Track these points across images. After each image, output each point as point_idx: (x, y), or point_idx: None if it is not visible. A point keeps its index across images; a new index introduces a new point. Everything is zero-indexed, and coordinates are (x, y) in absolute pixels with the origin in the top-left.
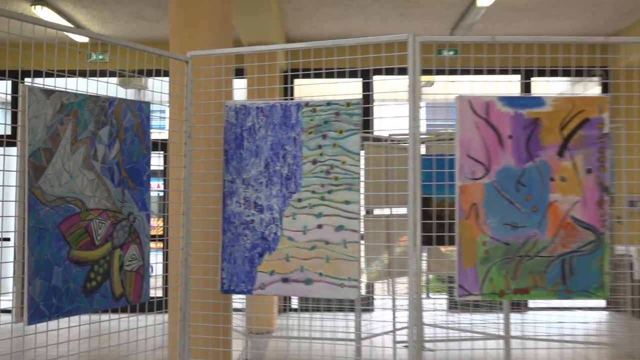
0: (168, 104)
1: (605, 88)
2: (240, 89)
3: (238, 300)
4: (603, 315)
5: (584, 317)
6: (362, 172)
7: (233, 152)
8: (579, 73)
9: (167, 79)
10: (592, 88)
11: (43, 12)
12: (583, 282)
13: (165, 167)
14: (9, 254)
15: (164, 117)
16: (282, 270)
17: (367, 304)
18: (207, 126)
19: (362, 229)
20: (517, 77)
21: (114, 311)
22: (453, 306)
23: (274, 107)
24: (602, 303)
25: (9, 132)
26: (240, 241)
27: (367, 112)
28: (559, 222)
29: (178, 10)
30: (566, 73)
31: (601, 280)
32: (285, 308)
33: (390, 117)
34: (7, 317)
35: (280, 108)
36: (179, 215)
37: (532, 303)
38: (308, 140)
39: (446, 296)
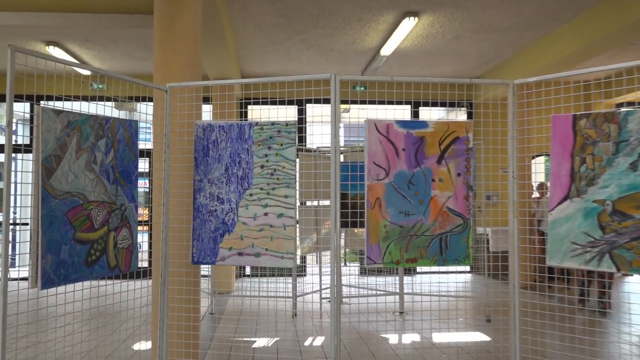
0: (152, 122)
1: (470, 115)
2: (207, 111)
3: (205, 269)
4: (468, 276)
5: (455, 278)
6: (297, 175)
7: (201, 159)
8: (452, 104)
9: (151, 103)
10: (461, 115)
11: (55, 51)
12: (454, 253)
13: (150, 170)
14: (27, 235)
15: (149, 132)
16: (238, 246)
17: (301, 270)
18: (181, 139)
19: (297, 216)
20: (409, 106)
21: (110, 278)
22: (363, 271)
23: (232, 126)
24: (467, 268)
25: (27, 142)
26: (206, 225)
27: (301, 130)
28: (437, 210)
29: (160, 52)
30: (443, 104)
31: (467, 252)
32: (240, 274)
33: (318, 134)
34: (24, 284)
35: (237, 126)
36: (160, 206)
37: (419, 269)
38: (257, 150)
39: (358, 264)
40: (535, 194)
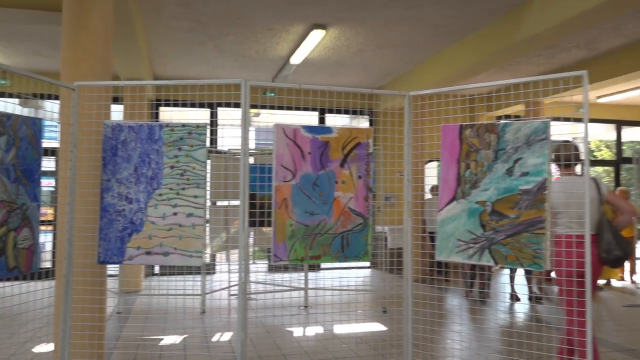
0: (58, 121)
1: (371, 122)
2: (118, 111)
3: (113, 269)
4: (367, 272)
5: (356, 274)
6: (208, 175)
7: (109, 158)
8: (355, 112)
9: (58, 101)
10: (362, 122)
11: None
12: (355, 250)
13: (56, 168)
14: None
15: (56, 130)
16: (146, 245)
17: (211, 268)
18: (89, 139)
19: (207, 216)
20: (316, 113)
21: (9, 279)
22: (271, 268)
23: (142, 127)
24: (367, 264)
25: None
26: (114, 225)
27: (213, 132)
28: (340, 210)
29: (68, 50)
30: (347, 111)
31: (366, 249)
32: (150, 273)
33: (229, 137)
34: None
35: (147, 127)
36: (65, 205)
37: (323, 265)
38: (168, 151)
39: (266, 261)
40: (428, 196)
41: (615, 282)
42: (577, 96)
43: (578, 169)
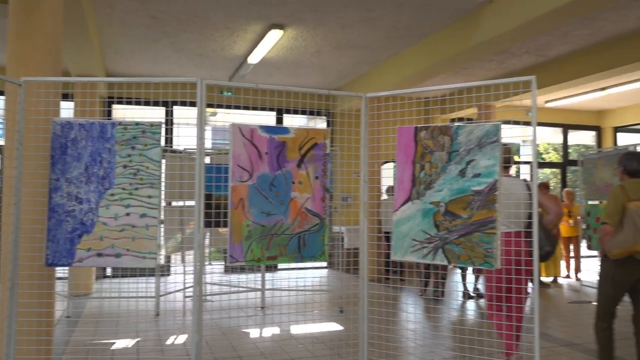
0: (3, 118)
1: (328, 123)
2: (69, 109)
3: (62, 271)
4: (324, 272)
5: (312, 274)
6: (163, 175)
7: (58, 157)
8: (312, 112)
9: (3, 97)
10: (320, 123)
11: None
12: (312, 250)
13: (1, 167)
14: None
15: (1, 128)
16: (97, 247)
17: (165, 270)
18: (37, 136)
19: (162, 216)
20: (273, 113)
21: None
22: (228, 269)
23: (93, 124)
24: (324, 264)
25: None
26: (63, 226)
27: (168, 131)
28: (297, 211)
29: (15, 43)
30: (304, 112)
31: (323, 249)
32: (102, 275)
33: (184, 136)
34: None
35: (99, 125)
36: (11, 206)
37: (280, 266)
38: (120, 150)
39: (222, 262)
40: (384, 196)
41: (561, 280)
42: (527, 100)
43: (512, 171)
